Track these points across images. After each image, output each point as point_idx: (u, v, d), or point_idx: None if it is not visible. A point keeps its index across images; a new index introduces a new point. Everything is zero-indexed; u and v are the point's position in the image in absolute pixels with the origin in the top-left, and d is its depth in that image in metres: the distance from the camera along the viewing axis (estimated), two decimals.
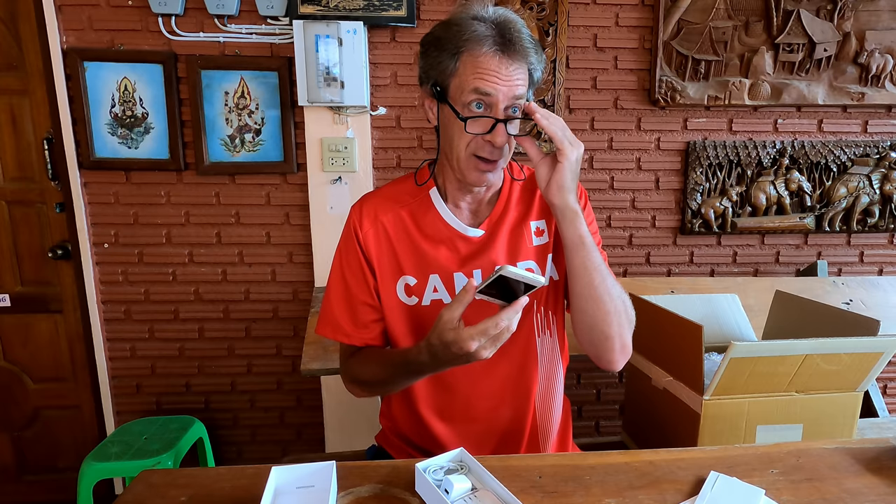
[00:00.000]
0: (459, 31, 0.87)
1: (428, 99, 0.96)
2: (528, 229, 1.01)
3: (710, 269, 2.04)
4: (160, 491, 0.82)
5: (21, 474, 2.03)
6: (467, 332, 0.78)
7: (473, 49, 0.86)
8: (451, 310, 0.80)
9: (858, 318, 1.27)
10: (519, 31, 0.87)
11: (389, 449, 1.12)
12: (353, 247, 1.00)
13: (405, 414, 1.05)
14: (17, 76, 1.78)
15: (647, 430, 1.42)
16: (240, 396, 2.01)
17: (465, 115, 0.88)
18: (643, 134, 1.92)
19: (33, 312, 1.92)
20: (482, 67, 0.86)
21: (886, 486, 0.84)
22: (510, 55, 0.87)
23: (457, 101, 0.89)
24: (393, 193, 1.03)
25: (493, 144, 0.89)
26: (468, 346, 0.77)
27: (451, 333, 0.79)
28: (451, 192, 1.00)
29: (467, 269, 0.98)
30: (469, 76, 0.87)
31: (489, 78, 0.86)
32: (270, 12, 1.72)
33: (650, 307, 1.34)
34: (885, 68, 1.88)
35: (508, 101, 0.88)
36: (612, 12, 1.83)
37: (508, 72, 0.87)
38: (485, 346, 0.79)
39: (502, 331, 0.78)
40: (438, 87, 0.91)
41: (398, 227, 0.99)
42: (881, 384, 2.19)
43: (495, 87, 0.86)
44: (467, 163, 0.91)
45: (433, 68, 0.91)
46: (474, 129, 0.88)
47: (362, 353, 1.02)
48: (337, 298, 1.02)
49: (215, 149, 1.81)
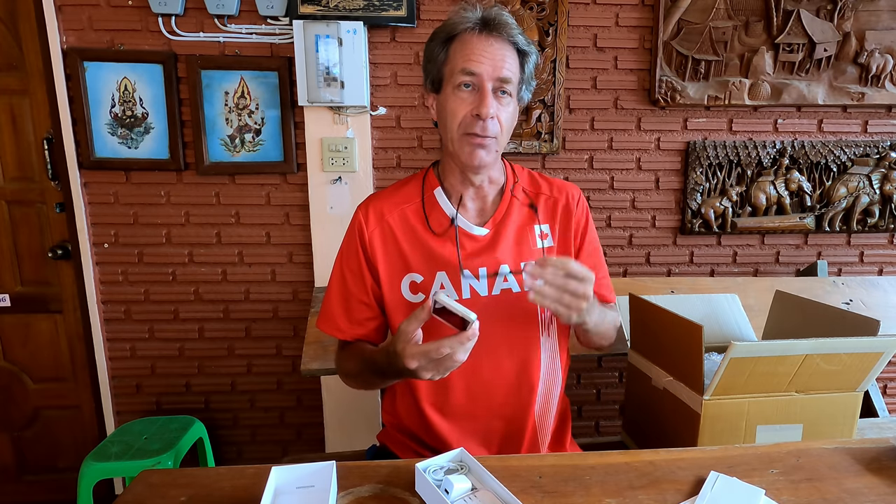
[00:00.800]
0: (450, 22, 0.96)
1: (429, 96, 1.02)
2: (532, 232, 1.04)
3: (710, 269, 2.04)
4: (160, 491, 0.82)
5: (21, 474, 2.03)
6: (411, 349, 0.80)
7: (461, 34, 0.95)
8: (408, 322, 0.82)
9: (858, 318, 1.27)
10: (501, 14, 0.95)
11: (392, 445, 1.13)
12: (356, 246, 1.03)
13: (408, 409, 1.06)
14: (17, 76, 1.78)
15: (647, 430, 1.42)
16: (240, 396, 2.01)
17: (455, 94, 0.94)
18: (643, 134, 1.92)
19: (33, 312, 1.92)
20: (468, 48, 0.93)
21: (886, 486, 0.84)
22: (492, 34, 0.94)
23: (448, 85, 0.96)
24: (398, 193, 1.05)
25: (480, 117, 0.93)
26: (409, 363, 0.80)
27: (400, 345, 0.82)
28: (455, 190, 1.03)
29: (473, 267, 1.00)
30: (457, 59, 0.94)
31: (474, 57, 0.93)
32: (270, 12, 1.72)
33: (650, 307, 1.34)
34: (885, 68, 1.88)
35: (495, 82, 0.93)
36: (612, 12, 1.83)
37: (492, 51, 0.93)
38: (426, 368, 0.80)
39: (444, 357, 0.79)
40: (435, 80, 0.98)
41: (404, 226, 1.02)
42: (881, 384, 2.19)
43: (480, 66, 0.92)
44: (460, 142, 0.96)
45: (430, 62, 0.99)
46: (468, 107, 0.94)
47: (350, 348, 1.06)
48: (335, 295, 1.05)
49: (215, 149, 1.81)
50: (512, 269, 1.00)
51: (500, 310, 0.99)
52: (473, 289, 0.99)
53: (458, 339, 0.78)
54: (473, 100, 0.94)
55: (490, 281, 1.00)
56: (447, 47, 0.96)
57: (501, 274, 1.00)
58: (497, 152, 0.99)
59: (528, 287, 0.84)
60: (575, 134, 1.91)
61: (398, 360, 0.82)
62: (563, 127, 1.89)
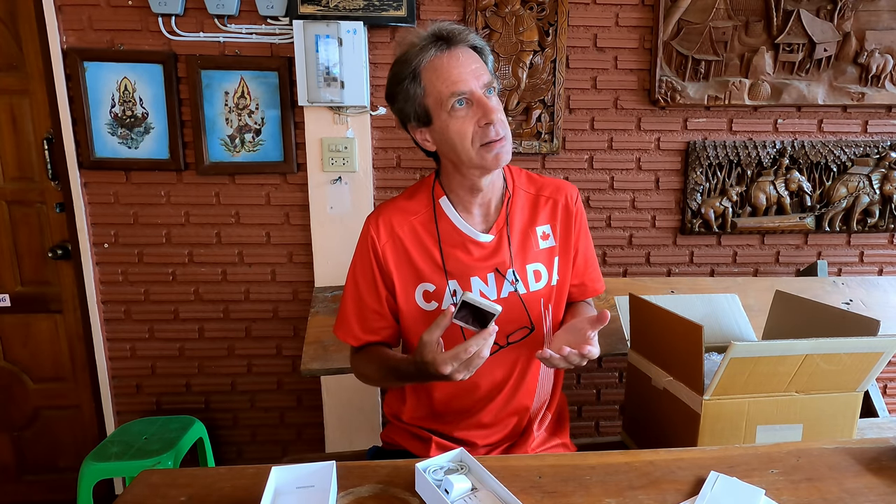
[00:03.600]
0: (407, 58, 0.95)
1: (417, 132, 1.02)
2: (534, 234, 1.07)
3: (710, 269, 2.04)
4: (160, 491, 0.82)
5: (21, 474, 2.03)
6: (442, 356, 0.86)
7: (425, 63, 0.94)
8: (430, 332, 0.87)
9: (858, 318, 1.27)
10: (450, 25, 0.95)
11: (398, 437, 1.15)
12: (368, 257, 1.06)
13: (413, 397, 1.11)
14: (17, 76, 1.78)
15: (647, 430, 1.42)
16: (240, 396, 2.01)
17: (454, 117, 0.95)
18: (643, 134, 1.92)
19: (33, 312, 1.92)
20: (442, 73, 0.93)
21: (886, 486, 0.84)
22: (454, 46, 0.94)
23: (440, 112, 0.95)
24: (407, 206, 1.08)
25: (490, 123, 0.94)
26: (443, 370, 0.85)
27: (429, 355, 0.87)
28: (460, 199, 1.06)
29: (482, 273, 1.04)
30: (439, 87, 0.94)
31: (453, 77, 0.93)
32: (270, 12, 1.72)
33: (650, 307, 1.34)
34: (885, 68, 1.88)
35: (482, 88, 0.95)
36: (612, 12, 1.83)
37: (464, 62, 0.94)
38: (459, 370, 0.86)
39: (473, 356, 0.85)
40: (421, 115, 0.98)
41: (414, 237, 1.05)
42: (881, 384, 2.19)
43: (464, 83, 0.93)
44: (480, 154, 0.96)
45: (407, 101, 0.98)
46: (472, 122, 0.94)
47: (367, 351, 1.10)
48: (350, 305, 1.10)
49: (215, 149, 1.81)
50: (517, 272, 1.04)
51: (507, 311, 1.03)
52: (483, 293, 1.03)
53: (482, 337, 0.85)
54: (474, 112, 0.94)
55: (499, 284, 1.04)
56: (418, 81, 0.95)
57: (508, 277, 1.04)
58: (510, 141, 1.01)
59: (539, 356, 0.91)
60: (575, 134, 1.91)
61: (429, 368, 0.87)
62: (563, 127, 1.89)
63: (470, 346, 0.84)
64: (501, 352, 1.03)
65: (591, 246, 1.17)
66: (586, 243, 1.15)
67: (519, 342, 1.04)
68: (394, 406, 1.16)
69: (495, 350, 1.01)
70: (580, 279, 1.15)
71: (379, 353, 1.08)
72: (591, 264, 1.17)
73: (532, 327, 1.04)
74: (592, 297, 1.21)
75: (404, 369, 0.97)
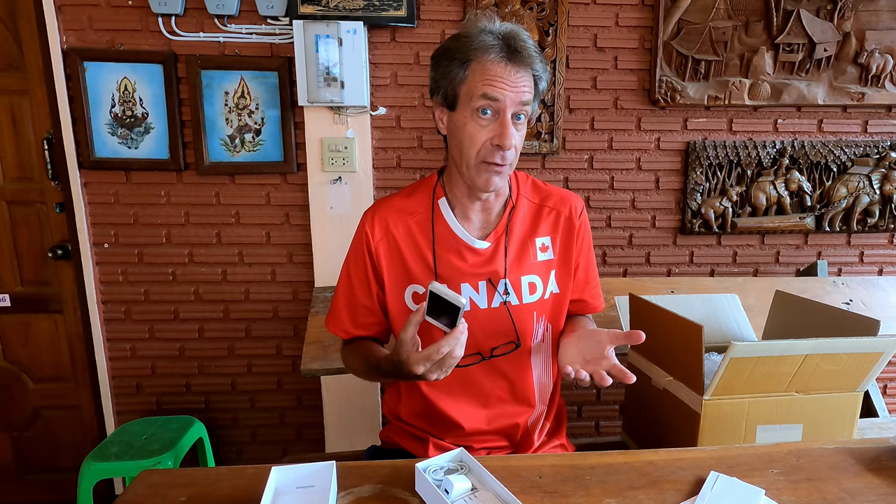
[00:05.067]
0: (469, 41, 0.93)
1: (438, 108, 1.00)
2: (533, 245, 1.05)
3: (710, 269, 2.04)
4: (160, 491, 0.82)
5: (21, 474, 2.03)
6: (415, 356, 0.84)
7: (481, 57, 0.91)
8: (405, 330, 0.86)
9: (858, 318, 1.27)
10: (524, 41, 0.92)
11: (397, 437, 1.15)
12: (362, 254, 1.05)
13: (411, 396, 1.10)
14: (17, 76, 1.78)
15: (647, 430, 1.42)
16: (240, 396, 2.01)
17: (474, 119, 0.93)
18: (643, 134, 1.92)
19: (33, 312, 1.92)
20: (490, 74, 0.91)
21: (886, 486, 0.84)
22: (516, 63, 0.92)
23: (466, 107, 0.93)
24: (405, 204, 1.06)
25: (501, 148, 0.93)
26: (416, 370, 0.84)
27: (404, 354, 0.86)
28: (460, 203, 1.04)
29: (473, 280, 1.02)
30: (478, 83, 0.91)
31: (497, 84, 0.91)
32: (270, 12, 1.72)
33: (650, 307, 1.34)
34: (885, 68, 1.88)
35: (515, 108, 0.92)
36: (612, 12, 1.83)
37: (515, 78, 0.91)
38: (431, 370, 0.85)
39: (445, 356, 0.83)
40: (449, 97, 0.95)
41: (408, 238, 1.04)
42: (881, 384, 2.19)
43: (503, 93, 0.91)
44: (477, 169, 0.95)
45: (444, 77, 0.96)
46: (487, 134, 0.93)
47: (355, 344, 1.10)
48: (342, 299, 1.09)
49: (215, 149, 1.81)
50: (511, 283, 1.02)
51: (498, 322, 1.02)
52: (473, 301, 1.02)
53: (453, 336, 0.83)
54: (493, 128, 0.92)
55: (490, 294, 1.02)
56: (465, 67, 0.92)
57: (499, 288, 1.02)
58: (509, 174, 0.99)
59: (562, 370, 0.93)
60: (575, 134, 1.91)
61: (404, 368, 0.86)
62: (563, 127, 1.89)
63: (442, 346, 0.82)
64: (490, 365, 1.02)
65: (593, 262, 1.14)
66: (588, 258, 1.12)
67: (502, 356, 1.02)
68: (392, 404, 1.16)
69: (477, 361, 1.01)
70: (579, 295, 1.12)
71: (365, 348, 1.07)
72: (592, 281, 1.14)
73: (518, 343, 1.02)
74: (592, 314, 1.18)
75: (384, 367, 0.95)
